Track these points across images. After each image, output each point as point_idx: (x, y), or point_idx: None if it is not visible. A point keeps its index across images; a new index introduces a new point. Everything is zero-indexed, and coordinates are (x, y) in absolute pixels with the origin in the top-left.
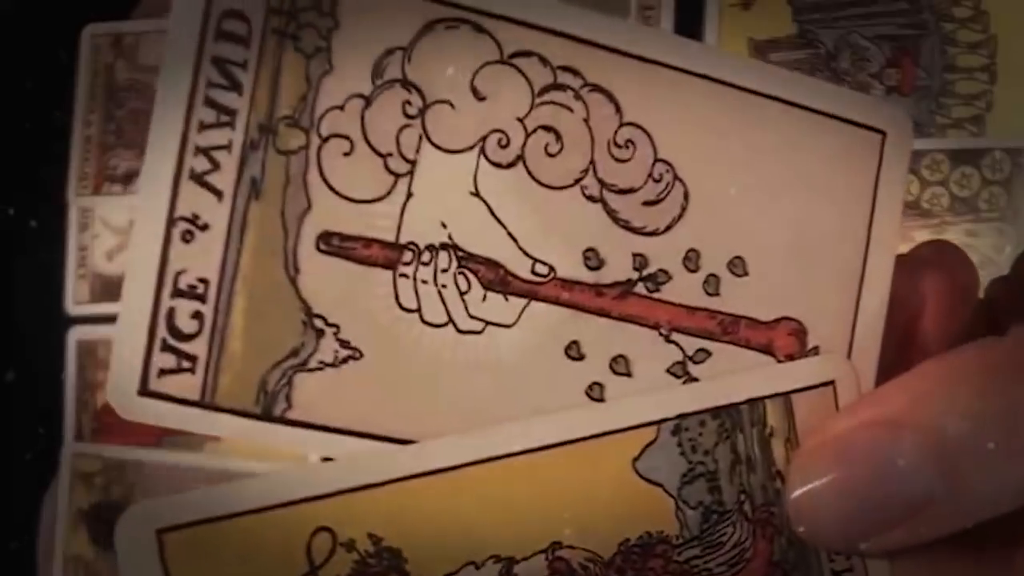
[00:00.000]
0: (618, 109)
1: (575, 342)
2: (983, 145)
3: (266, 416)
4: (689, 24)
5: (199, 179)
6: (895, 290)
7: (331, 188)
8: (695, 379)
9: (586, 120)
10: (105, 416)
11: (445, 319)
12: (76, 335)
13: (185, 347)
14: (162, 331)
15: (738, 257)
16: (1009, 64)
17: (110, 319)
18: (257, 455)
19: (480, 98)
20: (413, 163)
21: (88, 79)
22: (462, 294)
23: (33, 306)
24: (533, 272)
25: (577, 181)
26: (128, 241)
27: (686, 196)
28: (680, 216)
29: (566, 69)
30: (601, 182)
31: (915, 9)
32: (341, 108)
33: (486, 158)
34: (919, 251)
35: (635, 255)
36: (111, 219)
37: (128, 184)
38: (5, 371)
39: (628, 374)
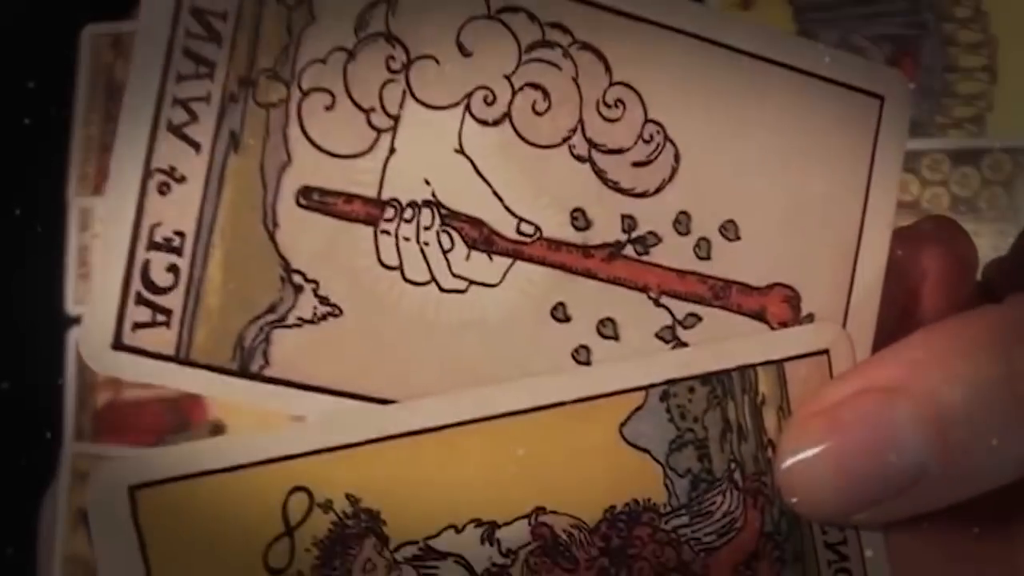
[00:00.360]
0: (608, 68)
1: (561, 303)
2: (983, 145)
3: (243, 372)
4: None
5: (177, 131)
6: (895, 263)
7: (312, 142)
8: (685, 344)
9: (575, 78)
10: (105, 416)
11: (427, 277)
12: (76, 335)
13: (160, 300)
14: (137, 284)
15: (730, 221)
16: (1009, 64)
17: None
18: None
19: (466, 54)
20: (396, 118)
21: (88, 79)
22: (445, 252)
23: (33, 306)
24: (518, 231)
25: (565, 140)
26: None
27: (677, 158)
28: (671, 178)
29: (554, 26)
30: (590, 142)
31: (915, 9)
32: (323, 61)
33: (471, 115)
34: (919, 225)
35: (624, 216)
36: None
37: None
38: (4, 372)
39: (615, 337)
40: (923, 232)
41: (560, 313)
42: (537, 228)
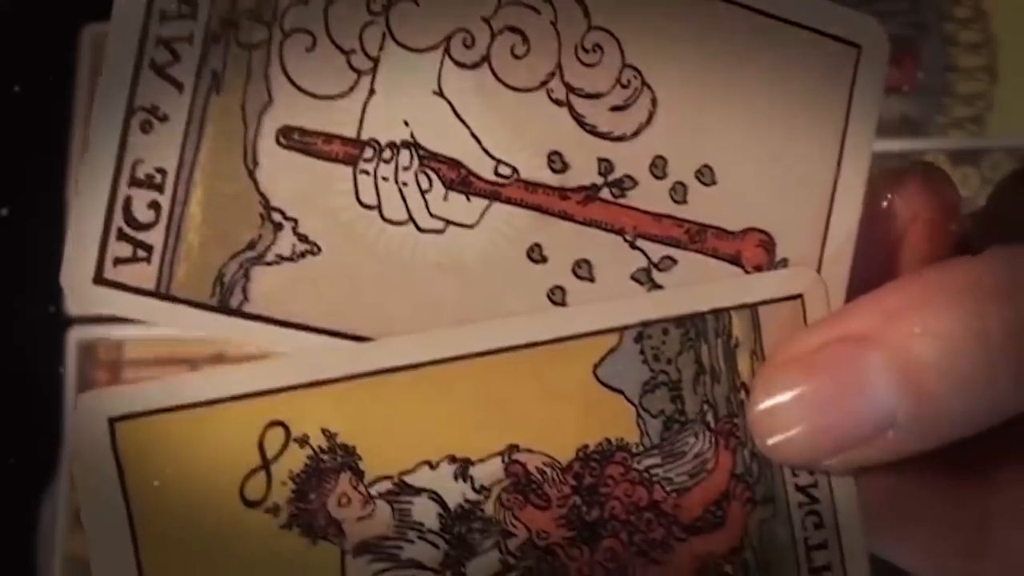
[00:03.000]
0: (586, 13)
1: (537, 244)
2: (983, 145)
3: (222, 308)
4: None
5: (159, 70)
6: (884, 206)
7: (293, 83)
8: (660, 287)
9: (553, 23)
10: None
11: (405, 217)
12: (76, 335)
13: (141, 236)
14: (118, 220)
15: (706, 166)
16: (1009, 64)
17: (110, 319)
18: None
19: None
20: (376, 60)
21: (88, 79)
22: (423, 192)
23: (33, 306)
24: (496, 173)
25: (543, 84)
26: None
27: (654, 102)
28: (648, 122)
29: None
30: (568, 86)
31: (915, 9)
32: (304, 3)
33: (451, 58)
34: (908, 169)
35: (601, 160)
36: None
37: None
38: (4, 371)
39: (591, 279)
40: (913, 176)
41: (536, 254)
42: (514, 170)
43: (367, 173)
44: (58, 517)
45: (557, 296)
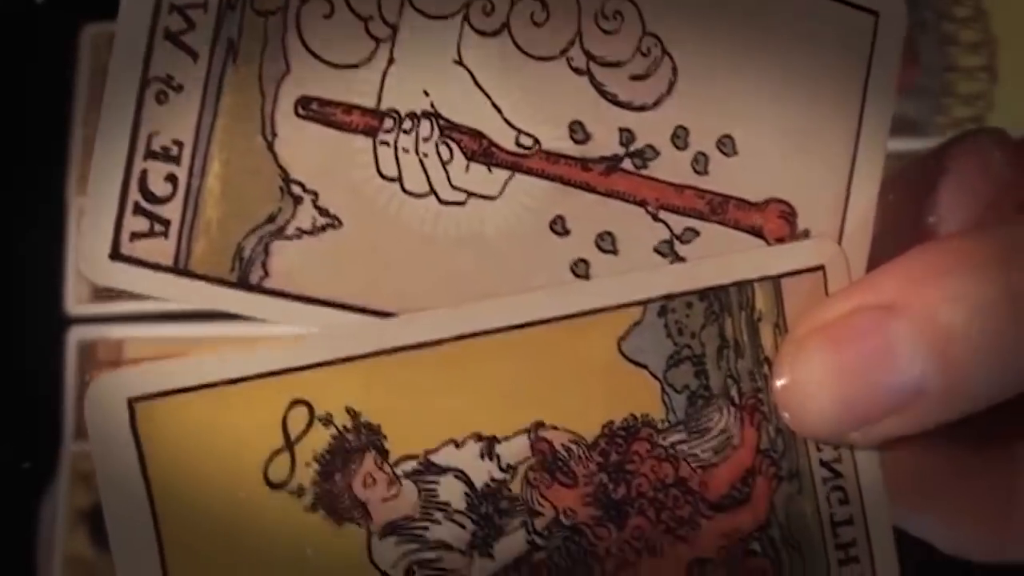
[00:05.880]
0: None
1: (560, 216)
2: None
3: (242, 284)
4: None
5: (174, 39)
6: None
7: (310, 51)
8: (682, 259)
9: None
10: None
11: (427, 189)
12: (76, 335)
13: (158, 210)
14: (134, 194)
15: (727, 136)
16: (1009, 64)
17: (110, 319)
18: None
19: None
20: (395, 28)
21: (88, 79)
22: (444, 164)
23: (33, 306)
24: (517, 144)
25: (563, 52)
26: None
27: (674, 71)
28: (668, 92)
29: None
30: (588, 54)
31: (915, 9)
32: None
33: (470, 25)
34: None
35: (622, 130)
36: None
37: None
38: (4, 372)
39: (614, 251)
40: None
41: (559, 226)
42: (536, 140)
43: (387, 144)
44: (58, 517)
45: (580, 269)
